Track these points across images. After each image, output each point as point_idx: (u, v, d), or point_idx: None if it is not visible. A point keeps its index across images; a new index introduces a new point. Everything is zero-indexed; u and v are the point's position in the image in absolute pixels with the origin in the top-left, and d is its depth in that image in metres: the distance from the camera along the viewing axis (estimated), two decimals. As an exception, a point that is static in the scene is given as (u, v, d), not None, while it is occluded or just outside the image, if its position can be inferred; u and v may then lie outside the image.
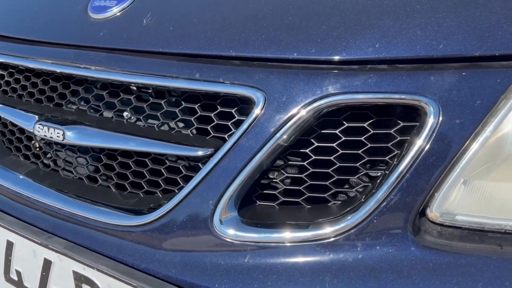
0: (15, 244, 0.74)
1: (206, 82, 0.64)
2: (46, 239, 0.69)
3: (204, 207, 0.61)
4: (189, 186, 0.63)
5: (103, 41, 0.74)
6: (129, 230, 0.66)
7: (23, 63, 0.84)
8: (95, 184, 0.77)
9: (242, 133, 0.60)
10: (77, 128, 0.74)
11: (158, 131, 0.72)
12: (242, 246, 0.60)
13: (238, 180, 0.60)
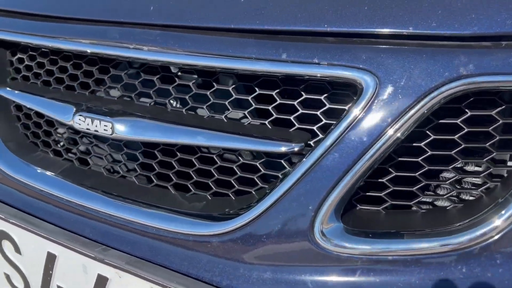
0: (58, 257, 0.63)
1: (296, 64, 0.53)
2: (101, 252, 0.58)
3: (301, 214, 0.51)
4: (281, 188, 0.52)
5: (156, 16, 0.63)
6: (203, 240, 0.56)
7: (52, 44, 0.72)
8: (148, 185, 0.66)
9: (348, 125, 0.50)
10: (128, 120, 0.63)
11: (228, 123, 0.61)
12: (351, 260, 0.50)
13: (344, 182, 0.50)
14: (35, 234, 0.64)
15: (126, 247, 0.60)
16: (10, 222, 0.66)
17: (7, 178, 0.74)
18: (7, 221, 0.67)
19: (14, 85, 0.82)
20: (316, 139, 0.55)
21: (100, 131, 0.64)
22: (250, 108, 0.59)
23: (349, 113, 0.50)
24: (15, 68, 0.84)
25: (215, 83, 0.62)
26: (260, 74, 0.58)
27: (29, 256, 0.67)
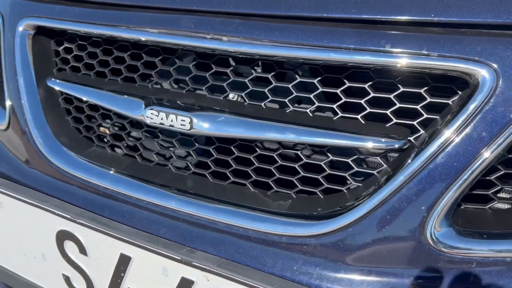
0: (133, 259, 0.60)
1: (402, 55, 0.50)
2: (188, 254, 0.55)
3: (412, 214, 0.49)
4: (388, 187, 0.50)
5: (235, 4, 0.59)
6: (298, 241, 0.53)
7: (113, 33, 0.67)
8: (224, 182, 0.63)
9: (465, 121, 0.47)
10: (208, 115, 0.59)
11: (314, 117, 0.58)
12: (465, 262, 0.48)
13: (460, 181, 0.47)
14: (106, 234, 0.61)
15: (209, 248, 0.57)
16: (77, 222, 0.63)
17: (65, 175, 0.70)
18: (73, 221, 0.63)
19: (62, 76, 0.78)
20: (416, 135, 0.52)
21: (176, 126, 0.60)
22: (339, 102, 0.56)
23: (465, 108, 0.48)
24: (62, 58, 0.79)
25: (297, 75, 0.59)
26: (350, 66, 0.55)
27: (96, 257, 0.64)
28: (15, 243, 0.75)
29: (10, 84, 0.78)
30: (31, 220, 0.69)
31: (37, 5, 0.78)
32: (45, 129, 0.74)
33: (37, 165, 0.73)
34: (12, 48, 0.79)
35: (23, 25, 0.78)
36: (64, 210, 0.64)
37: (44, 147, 0.73)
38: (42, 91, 0.77)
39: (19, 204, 0.70)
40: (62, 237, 0.66)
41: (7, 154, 0.79)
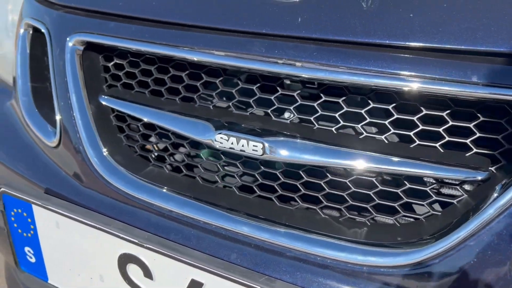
0: (206, 285, 0.59)
1: (487, 87, 0.50)
2: (268, 284, 0.55)
3: (501, 247, 0.49)
4: (477, 219, 0.50)
5: (308, 28, 0.58)
6: (381, 272, 0.53)
7: (174, 53, 0.67)
8: (291, 207, 0.63)
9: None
10: (281, 140, 0.59)
11: (390, 144, 0.58)
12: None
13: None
14: (175, 259, 0.61)
15: (284, 276, 0.57)
16: (145, 247, 0.62)
17: (125, 196, 0.69)
18: (141, 245, 0.63)
19: (113, 93, 0.77)
20: (498, 165, 0.53)
21: (247, 151, 0.60)
22: (416, 129, 0.56)
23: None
24: (112, 74, 0.78)
25: (370, 101, 0.59)
26: (429, 94, 0.55)
27: (163, 281, 0.63)
28: (70, 263, 0.74)
29: (61, 101, 0.77)
30: (91, 241, 0.69)
31: (88, 20, 0.77)
32: (99, 148, 0.74)
33: (93, 185, 0.72)
34: (62, 64, 0.78)
35: (73, 41, 0.77)
36: (130, 234, 0.64)
37: (100, 167, 0.72)
38: (94, 108, 0.76)
39: (76, 224, 0.70)
40: (125, 260, 0.66)
41: (58, 171, 0.78)
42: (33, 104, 0.87)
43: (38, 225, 0.74)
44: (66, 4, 0.81)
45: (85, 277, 0.73)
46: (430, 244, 0.52)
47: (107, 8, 0.76)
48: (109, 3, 0.76)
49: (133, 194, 0.69)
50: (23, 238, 0.78)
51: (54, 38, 0.80)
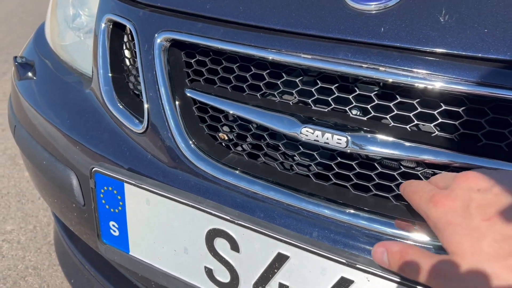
0: (291, 258, 0.68)
1: None
2: (352, 258, 0.63)
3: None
4: None
5: (390, 37, 0.67)
6: (451, 251, 0.62)
7: (264, 55, 0.75)
8: (365, 194, 0.71)
9: None
10: (363, 135, 0.68)
11: (459, 141, 0.66)
12: None
13: None
14: (264, 235, 0.69)
15: (362, 253, 0.66)
16: (236, 223, 0.71)
17: (212, 179, 0.78)
18: (232, 222, 0.71)
19: (196, 86, 0.86)
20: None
21: (331, 144, 0.68)
22: (483, 130, 0.65)
23: None
24: (194, 70, 0.87)
25: (442, 104, 0.67)
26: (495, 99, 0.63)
27: (249, 254, 0.72)
28: (154, 237, 0.83)
29: (150, 93, 0.86)
30: (180, 217, 0.78)
31: (176, 20, 0.85)
32: (185, 136, 0.82)
33: (181, 168, 0.81)
34: (150, 59, 0.86)
35: (161, 38, 0.85)
36: (221, 211, 0.72)
37: (188, 152, 0.80)
38: (179, 100, 0.84)
39: (167, 202, 0.78)
40: (213, 234, 0.75)
41: (144, 154, 0.87)
42: (115, 93, 0.96)
43: (128, 202, 0.83)
44: (153, 4, 0.90)
45: (169, 250, 0.82)
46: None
47: (193, 9, 0.84)
48: (195, 5, 0.84)
49: (219, 177, 0.77)
50: (109, 213, 0.87)
51: (142, 35, 0.89)
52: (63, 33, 1.26)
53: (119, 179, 0.82)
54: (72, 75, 1.13)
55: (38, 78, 1.18)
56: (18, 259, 1.79)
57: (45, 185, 1.10)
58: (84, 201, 0.96)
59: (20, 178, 2.30)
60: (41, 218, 2.01)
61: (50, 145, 1.03)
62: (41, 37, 1.35)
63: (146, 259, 0.85)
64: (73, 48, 1.21)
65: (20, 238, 1.90)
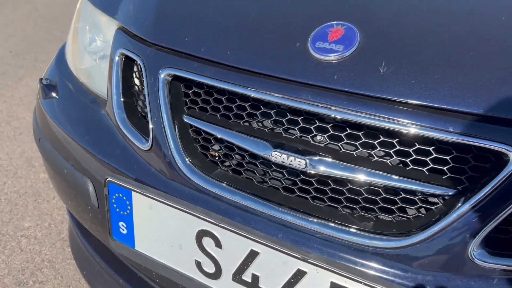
0: (261, 253, 0.88)
1: (459, 135, 0.77)
2: (305, 254, 0.83)
3: (461, 239, 0.76)
4: (446, 220, 0.77)
5: (341, 83, 0.86)
6: (379, 252, 0.81)
7: (243, 91, 0.94)
8: (321, 204, 0.90)
9: (502, 181, 0.74)
10: (318, 159, 0.87)
11: (392, 166, 0.85)
12: (492, 272, 0.76)
13: (495, 221, 0.74)
14: (240, 235, 0.89)
15: (315, 251, 0.85)
16: (219, 226, 0.90)
17: (202, 190, 0.98)
18: (216, 225, 0.91)
19: (192, 113, 1.05)
20: (463, 185, 0.80)
21: (294, 165, 0.88)
22: (411, 158, 0.83)
23: (499, 172, 0.75)
24: (191, 99, 1.06)
25: (381, 136, 0.86)
26: (422, 137, 0.82)
27: (229, 250, 0.92)
28: (155, 235, 1.02)
29: (154, 117, 1.05)
30: (176, 220, 0.97)
31: (177, 59, 1.05)
32: (182, 154, 1.01)
33: (178, 180, 1.00)
34: (155, 90, 1.06)
35: (165, 73, 1.05)
36: (208, 216, 0.92)
37: (183, 167, 1.00)
38: (178, 124, 1.04)
39: (166, 207, 0.98)
40: (201, 234, 0.94)
41: (148, 168, 1.06)
42: (126, 115, 1.15)
43: (134, 207, 1.03)
44: (157, 43, 1.10)
45: (167, 246, 1.01)
46: (415, 234, 0.79)
47: (191, 51, 1.04)
48: (193, 47, 1.03)
49: (208, 188, 0.96)
50: (119, 215, 1.07)
51: (149, 69, 1.08)
52: (82, 58, 1.46)
53: (128, 188, 1.02)
54: (89, 96, 1.32)
55: (60, 98, 1.38)
56: (35, 253, 1.99)
57: (65, 190, 1.29)
58: (98, 204, 1.16)
59: (36, 179, 2.51)
60: (55, 216, 2.22)
61: (71, 156, 1.23)
62: (62, 60, 1.55)
63: (148, 253, 1.05)
64: (90, 72, 1.40)
65: (37, 234, 2.11)
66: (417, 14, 0.93)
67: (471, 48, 0.84)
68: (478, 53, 0.83)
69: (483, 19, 0.90)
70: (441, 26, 0.89)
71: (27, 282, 1.84)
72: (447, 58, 0.83)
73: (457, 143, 0.78)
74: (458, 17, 0.91)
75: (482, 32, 0.87)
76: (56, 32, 5.11)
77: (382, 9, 0.96)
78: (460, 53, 0.83)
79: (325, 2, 1.02)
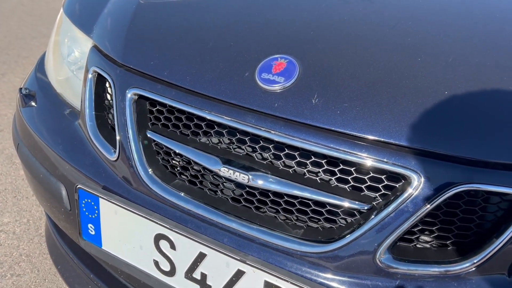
0: (208, 255, 1.02)
1: (373, 160, 0.92)
2: (244, 256, 0.97)
3: (370, 246, 0.91)
4: (360, 230, 0.92)
5: (280, 111, 1.00)
6: (307, 255, 0.96)
7: (199, 113, 1.08)
8: (262, 213, 1.05)
9: (405, 199, 0.89)
10: (259, 174, 1.01)
11: (321, 182, 1.00)
12: (395, 274, 0.91)
13: (398, 232, 0.90)
14: (191, 239, 1.03)
15: (254, 253, 0.99)
16: (173, 231, 1.04)
17: (160, 198, 1.11)
18: (171, 230, 1.05)
19: (155, 129, 1.19)
20: (377, 202, 0.95)
21: (238, 179, 1.02)
22: (335, 176, 0.98)
23: (403, 192, 0.90)
24: (155, 116, 1.19)
25: (312, 156, 1.00)
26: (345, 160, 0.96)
27: (181, 252, 1.05)
28: (119, 237, 1.16)
29: (121, 132, 1.18)
30: (137, 224, 1.11)
31: (143, 80, 1.18)
32: (145, 165, 1.15)
33: (140, 189, 1.14)
34: (122, 107, 1.19)
35: (131, 93, 1.18)
36: (164, 222, 1.06)
37: (145, 178, 1.13)
38: (142, 139, 1.17)
39: (129, 213, 1.11)
40: (158, 237, 1.08)
41: (114, 177, 1.19)
42: (97, 127, 1.28)
43: (101, 211, 1.16)
44: (126, 65, 1.23)
45: (129, 246, 1.15)
46: (335, 241, 0.94)
47: (155, 73, 1.17)
48: (157, 71, 1.17)
49: (166, 197, 1.10)
50: (88, 218, 1.20)
51: (117, 87, 1.21)
52: (60, 69, 1.58)
53: (95, 195, 1.15)
54: (65, 107, 1.45)
55: (38, 107, 1.50)
56: (13, 247, 2.11)
57: (41, 192, 1.42)
58: (70, 207, 1.29)
59: (16, 176, 2.62)
60: (34, 213, 2.33)
61: (46, 162, 1.36)
62: (41, 69, 1.67)
63: (114, 252, 1.19)
64: (66, 83, 1.53)
65: (16, 229, 2.22)
66: (354, 47, 1.08)
67: (391, 83, 0.99)
68: (396, 88, 0.98)
69: (409, 55, 1.04)
70: (370, 60, 1.04)
71: (5, 275, 1.96)
72: (369, 92, 0.98)
73: (372, 166, 0.93)
74: (388, 51, 1.06)
75: (403, 68, 1.01)
76: (41, 28, 5.17)
77: (323, 44, 1.11)
78: (381, 88, 0.98)
79: (273, 35, 1.16)
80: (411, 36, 1.10)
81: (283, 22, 1.20)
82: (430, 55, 1.04)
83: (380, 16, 1.20)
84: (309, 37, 1.13)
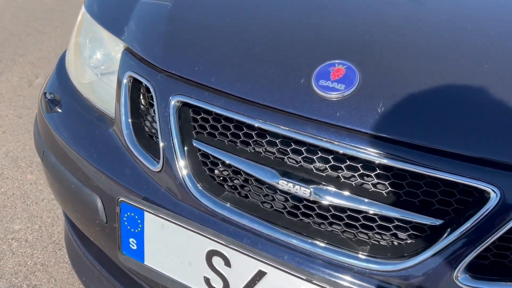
0: (268, 274, 0.96)
1: (448, 173, 0.87)
2: (310, 275, 0.92)
3: (446, 264, 0.87)
4: (435, 247, 0.88)
5: (343, 120, 0.95)
6: (377, 273, 0.91)
7: (251, 122, 1.02)
8: (322, 229, 1.00)
9: (483, 215, 0.85)
10: (322, 188, 0.96)
11: (388, 197, 0.95)
12: (473, 293, 0.87)
13: (478, 250, 0.85)
14: (249, 256, 0.97)
15: (320, 273, 0.94)
16: (229, 247, 0.99)
17: (211, 211, 1.05)
18: (227, 246, 0.99)
19: (200, 138, 1.13)
20: (449, 216, 0.90)
21: (299, 193, 0.96)
22: (403, 190, 0.94)
23: (481, 207, 0.85)
24: (200, 125, 1.13)
25: (377, 168, 0.95)
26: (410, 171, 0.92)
27: (237, 269, 1.00)
28: (165, 252, 1.10)
29: (164, 141, 1.12)
30: (186, 239, 1.05)
31: (187, 87, 1.11)
32: (192, 177, 1.09)
33: (188, 202, 1.08)
34: (166, 116, 1.12)
35: (175, 100, 1.11)
36: (218, 237, 1.00)
37: (193, 190, 1.07)
38: (187, 148, 1.11)
39: (177, 227, 1.05)
40: (211, 254, 1.02)
41: (158, 188, 1.13)
42: (134, 136, 1.22)
43: (146, 226, 1.10)
44: (167, 70, 1.16)
45: (177, 262, 1.09)
46: (408, 259, 0.90)
47: (201, 80, 1.11)
48: (202, 77, 1.10)
49: (217, 211, 1.04)
50: (130, 232, 1.14)
51: (159, 95, 1.14)
52: (84, 72, 1.51)
53: (140, 208, 1.09)
54: (95, 113, 1.38)
55: (64, 112, 1.43)
56: (27, 256, 2.03)
57: (71, 203, 1.35)
58: (106, 219, 1.22)
59: (23, 180, 2.53)
60: (45, 219, 2.25)
61: (78, 172, 1.29)
62: (62, 72, 1.59)
63: (158, 268, 1.13)
64: (93, 87, 1.45)
65: (28, 237, 2.14)
66: (414, 51, 1.03)
67: (463, 89, 0.94)
68: (471, 95, 0.93)
69: (479, 56, 1.00)
70: (435, 65, 0.99)
71: (21, 286, 1.88)
72: (439, 100, 0.93)
73: (444, 179, 0.88)
74: (455, 54, 1.01)
75: (476, 73, 0.97)
76: (35, 24, 5.04)
77: (380, 48, 1.06)
78: (452, 94, 0.94)
79: (326, 39, 1.10)
80: (473, 35, 1.06)
81: (334, 26, 1.15)
82: (503, 57, 1.00)
83: (436, 17, 1.15)
84: (364, 41, 1.08)
